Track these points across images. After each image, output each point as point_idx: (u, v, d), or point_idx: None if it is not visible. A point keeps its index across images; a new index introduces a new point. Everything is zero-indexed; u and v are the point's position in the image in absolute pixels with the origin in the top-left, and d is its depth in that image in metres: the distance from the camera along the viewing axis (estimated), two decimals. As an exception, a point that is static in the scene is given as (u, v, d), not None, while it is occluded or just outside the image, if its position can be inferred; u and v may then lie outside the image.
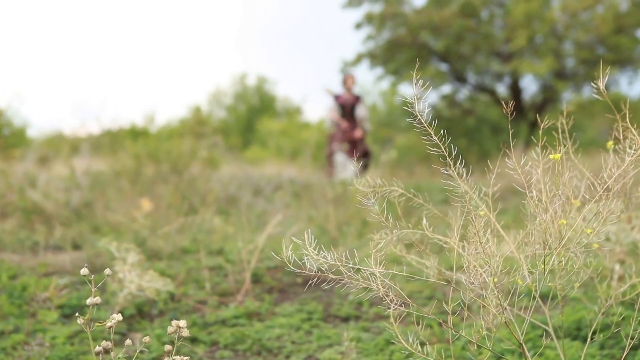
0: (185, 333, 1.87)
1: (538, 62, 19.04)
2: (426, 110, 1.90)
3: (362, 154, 12.86)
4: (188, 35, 72.09)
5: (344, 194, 7.69)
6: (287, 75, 72.16)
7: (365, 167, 12.57)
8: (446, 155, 1.86)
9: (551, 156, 1.73)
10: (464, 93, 23.10)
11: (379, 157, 13.50)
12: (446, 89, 22.44)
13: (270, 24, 74.40)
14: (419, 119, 1.85)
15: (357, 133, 12.99)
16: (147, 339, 1.85)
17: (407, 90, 24.87)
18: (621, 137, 1.81)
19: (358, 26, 20.87)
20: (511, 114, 1.88)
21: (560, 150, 1.77)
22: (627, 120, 1.79)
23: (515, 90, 21.23)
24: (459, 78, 21.83)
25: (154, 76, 69.07)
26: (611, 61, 18.98)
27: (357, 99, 13.32)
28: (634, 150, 1.72)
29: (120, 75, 64.53)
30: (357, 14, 19.55)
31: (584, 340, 3.12)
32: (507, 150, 1.89)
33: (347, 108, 13.15)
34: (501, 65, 20.12)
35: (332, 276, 1.83)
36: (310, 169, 13.08)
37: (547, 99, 21.02)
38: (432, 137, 1.86)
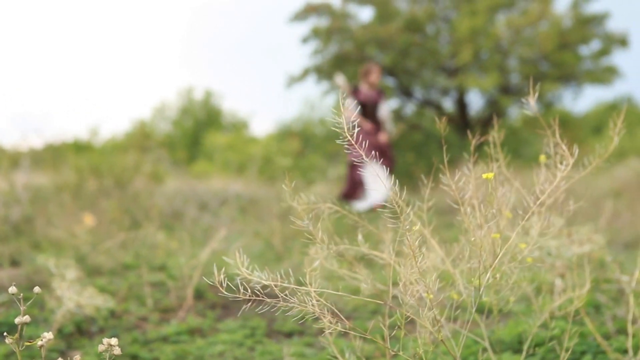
0: (117, 351, 1.82)
1: (483, 77, 19.27)
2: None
3: (389, 164, 10.43)
4: (133, 48, 71.60)
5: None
6: (234, 89, 72.17)
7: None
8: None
9: (484, 175, 1.73)
10: (410, 108, 23.26)
11: (327, 171, 12.93)
12: (393, 103, 22.58)
13: (217, 37, 74.32)
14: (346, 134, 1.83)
15: (383, 137, 10.66)
16: (77, 357, 1.80)
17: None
18: (552, 152, 1.83)
19: (305, 40, 20.92)
20: (458, 129, 1.89)
21: (492, 168, 1.79)
22: (557, 135, 1.81)
23: (462, 105, 21.47)
24: (406, 93, 21.99)
25: (98, 89, 68.38)
26: (555, 77, 19.31)
27: (380, 96, 10.91)
28: (565, 165, 1.74)
29: (63, 87, 63.71)
30: (304, 28, 19.58)
31: (526, 353, 3.14)
32: (442, 166, 1.90)
33: (369, 107, 10.71)
34: (447, 80, 20.32)
35: (268, 300, 1.80)
36: (257, 183, 12.97)
37: (494, 114, 21.28)
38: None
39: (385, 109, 10.89)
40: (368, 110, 10.67)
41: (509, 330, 3.34)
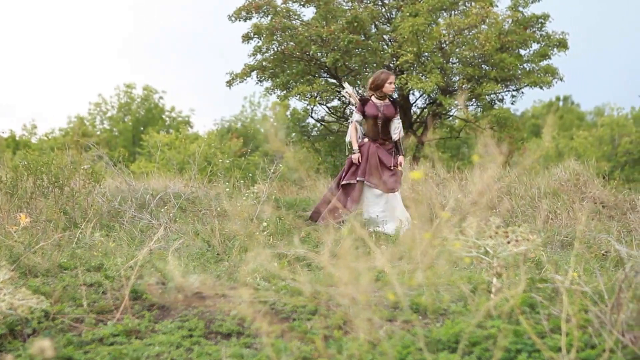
0: (50, 354, 1.78)
1: (425, 77, 19.34)
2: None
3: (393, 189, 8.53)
4: (72, 43, 70.52)
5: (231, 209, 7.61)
6: (176, 86, 71.70)
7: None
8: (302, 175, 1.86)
9: (411, 174, 1.73)
10: (351, 108, 23.28)
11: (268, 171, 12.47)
12: (336, 102, 22.55)
13: (159, 34, 73.67)
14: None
15: (400, 160, 8.74)
16: (9, 357, 1.76)
17: (295, 104, 24.91)
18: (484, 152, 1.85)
19: (245, 38, 20.64)
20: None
21: (425, 168, 1.79)
22: (486, 136, 1.83)
23: (404, 105, 21.54)
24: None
25: (35, 85, 67.20)
26: (496, 78, 19.51)
27: (395, 109, 9.06)
28: (494, 164, 1.75)
29: None
30: (248, 25, 19.21)
31: (463, 352, 3.17)
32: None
33: (380, 121, 8.95)
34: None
35: (203, 305, 1.78)
36: (197, 182, 12.81)
37: (435, 114, 21.42)
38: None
39: (399, 125, 9.06)
40: (377, 126, 8.98)
41: (446, 330, 3.36)
